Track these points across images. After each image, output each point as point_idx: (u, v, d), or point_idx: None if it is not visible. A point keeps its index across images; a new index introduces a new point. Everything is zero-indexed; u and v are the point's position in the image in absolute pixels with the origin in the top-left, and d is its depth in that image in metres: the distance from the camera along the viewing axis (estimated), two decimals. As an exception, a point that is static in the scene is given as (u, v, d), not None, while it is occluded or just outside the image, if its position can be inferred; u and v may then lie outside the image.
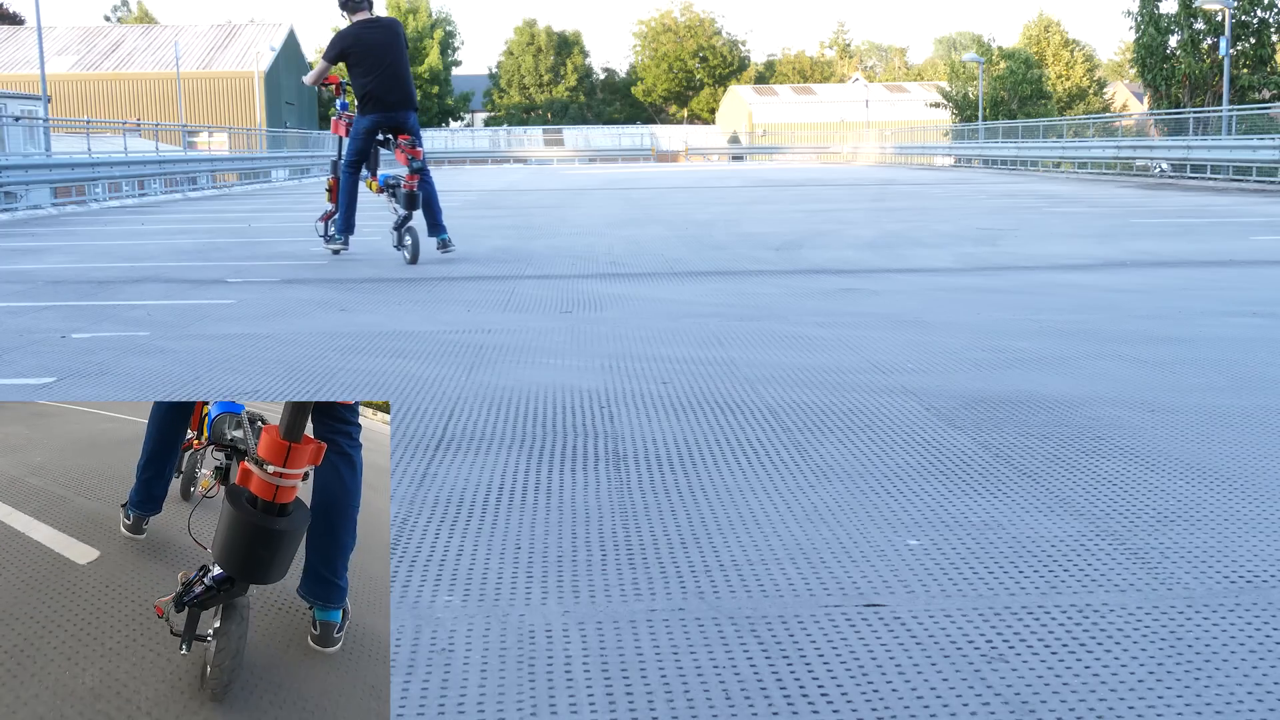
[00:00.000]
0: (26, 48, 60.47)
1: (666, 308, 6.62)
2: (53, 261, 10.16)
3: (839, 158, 60.03)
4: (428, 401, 4.14)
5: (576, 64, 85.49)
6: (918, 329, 5.69)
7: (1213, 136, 26.37)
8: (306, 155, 39.30)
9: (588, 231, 12.83)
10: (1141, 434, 3.56)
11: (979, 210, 16.16)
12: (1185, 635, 2.13)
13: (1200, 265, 8.68)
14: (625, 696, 1.92)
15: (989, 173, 35.05)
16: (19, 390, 4.50)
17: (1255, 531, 2.68)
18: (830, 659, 2.05)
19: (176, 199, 23.70)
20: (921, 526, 2.74)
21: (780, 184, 27.32)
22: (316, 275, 8.59)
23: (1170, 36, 38.34)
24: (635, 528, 2.76)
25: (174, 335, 5.76)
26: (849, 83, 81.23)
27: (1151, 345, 5.15)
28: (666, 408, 4.01)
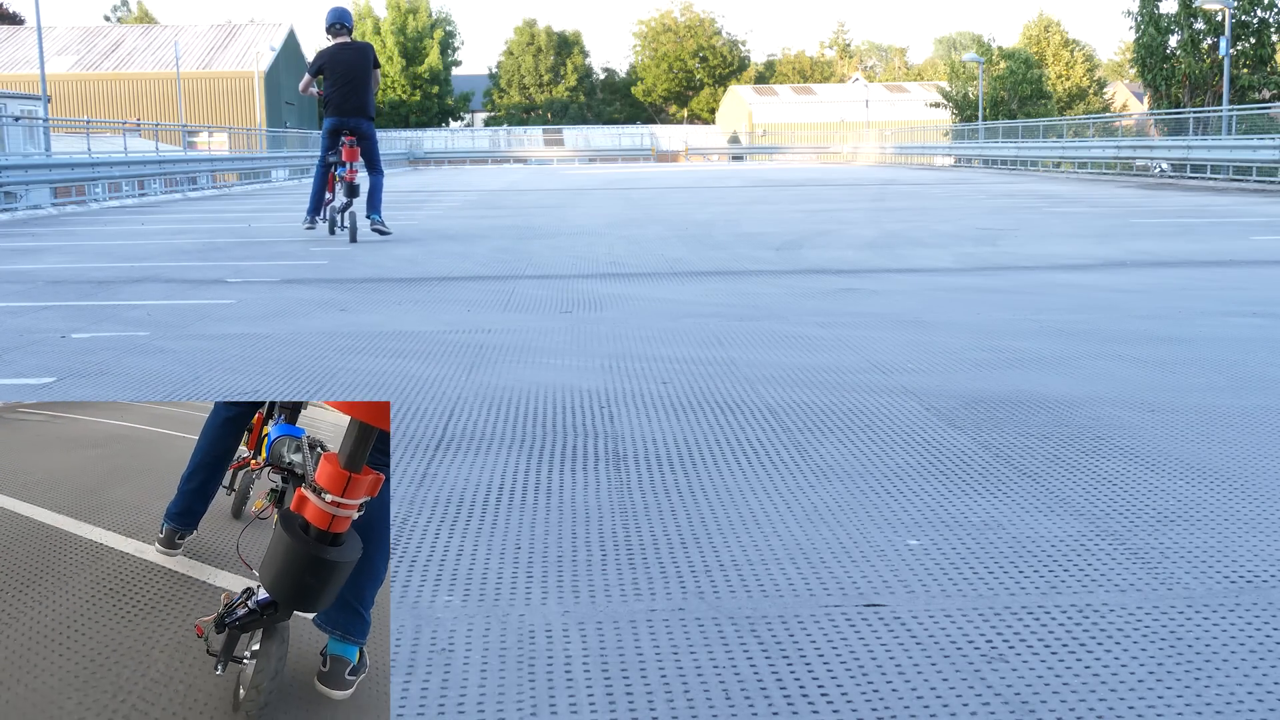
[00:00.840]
0: (26, 48, 60.49)
1: (666, 308, 6.62)
2: (53, 261, 10.16)
3: (839, 158, 60.03)
4: (428, 401, 4.14)
5: (576, 64, 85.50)
6: (918, 329, 5.69)
7: (1213, 136, 26.37)
8: (306, 155, 39.23)
9: (588, 231, 12.83)
10: (1141, 434, 3.56)
11: (979, 210, 16.16)
12: (1185, 635, 2.13)
13: (1200, 265, 8.69)
14: (625, 696, 1.92)
15: (989, 173, 35.05)
16: (19, 390, 4.50)
17: (1255, 531, 2.68)
18: (830, 659, 2.05)
19: (176, 199, 23.71)
20: (921, 526, 2.74)
21: (780, 184, 27.32)
22: (316, 275, 8.59)
23: (1170, 36, 38.35)
24: (635, 528, 2.76)
25: (174, 335, 5.76)
26: (849, 83, 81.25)
27: (1151, 345, 5.15)
28: (666, 408, 4.01)
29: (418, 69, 76.15)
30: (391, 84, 74.67)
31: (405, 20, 75.72)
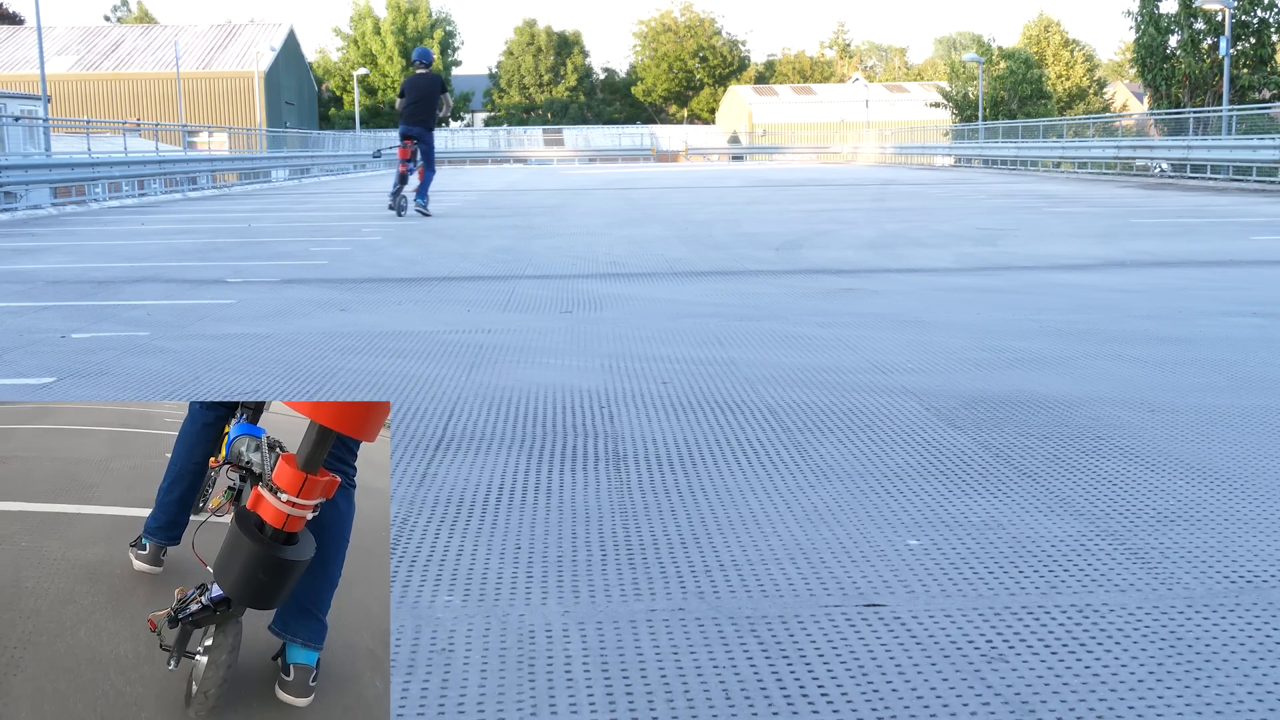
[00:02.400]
0: (26, 48, 60.49)
1: (666, 308, 6.62)
2: (53, 261, 10.16)
3: (839, 158, 60.03)
4: (427, 401, 4.14)
5: (576, 64, 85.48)
6: (918, 329, 5.69)
7: (1213, 136, 26.37)
8: (306, 155, 39.28)
9: (588, 231, 12.83)
10: (1141, 434, 3.56)
11: (979, 210, 16.16)
12: (1185, 635, 2.13)
13: (1200, 265, 8.69)
14: (625, 696, 1.92)
15: (989, 173, 35.05)
16: (19, 390, 4.50)
17: (1255, 531, 2.68)
18: (830, 659, 2.05)
19: (176, 199, 23.70)
20: (921, 526, 2.74)
21: (780, 184, 27.32)
22: (316, 275, 8.59)
23: (1170, 36, 38.34)
24: (635, 528, 2.76)
25: (174, 335, 5.76)
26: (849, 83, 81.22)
27: (1151, 345, 5.15)
28: (666, 408, 4.01)
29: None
30: (391, 84, 74.64)
31: (405, 20, 75.68)
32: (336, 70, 77.39)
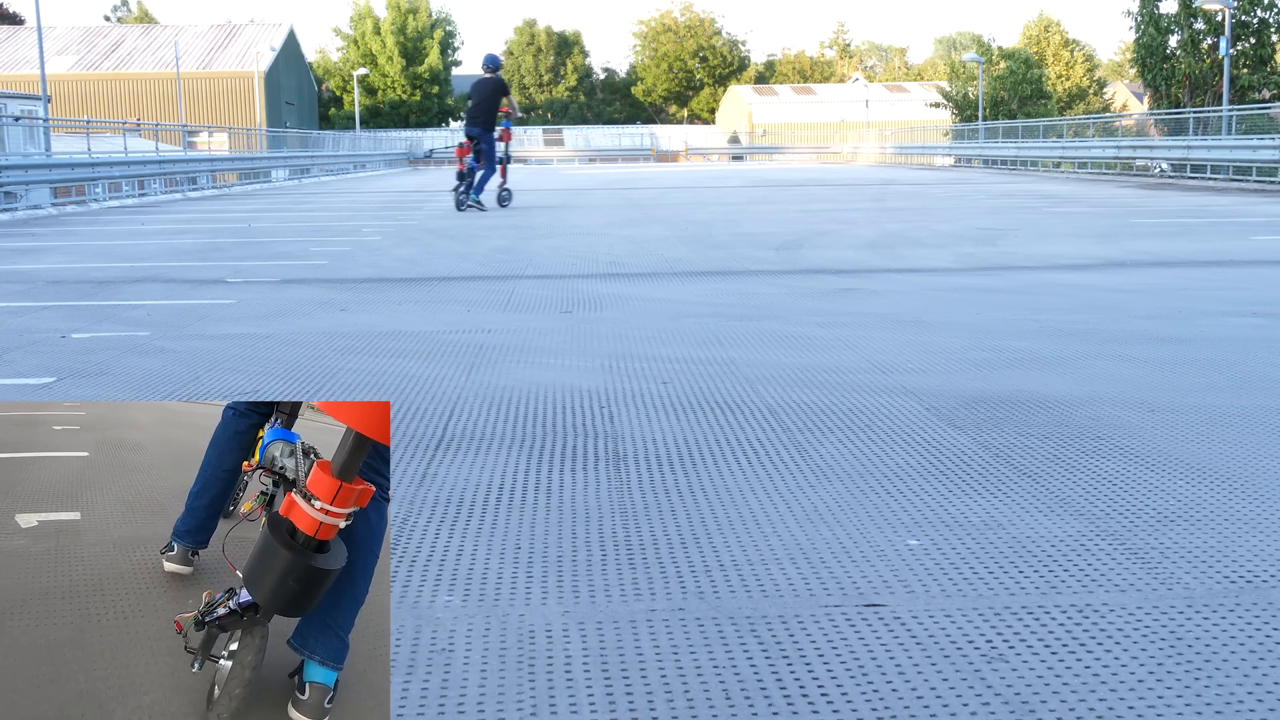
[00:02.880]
0: (26, 48, 60.49)
1: (666, 308, 6.62)
2: (53, 261, 10.16)
3: (839, 158, 60.02)
4: (427, 401, 4.14)
5: (576, 64, 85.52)
6: (918, 329, 5.69)
7: (1213, 136, 26.37)
8: (306, 155, 39.28)
9: (587, 231, 12.83)
10: (1141, 434, 3.56)
11: (979, 210, 16.16)
12: (1185, 635, 2.13)
13: (1200, 265, 8.69)
14: (625, 696, 1.92)
15: (989, 173, 35.05)
16: (19, 390, 4.50)
17: (1255, 531, 2.69)
18: (830, 659, 2.05)
19: (176, 199, 23.71)
20: (921, 526, 2.74)
21: (780, 184, 27.32)
22: (316, 275, 8.59)
23: (1170, 36, 38.34)
24: (635, 528, 2.76)
25: (174, 335, 5.76)
26: (849, 83, 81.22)
27: (1151, 345, 5.15)
28: (666, 408, 4.01)
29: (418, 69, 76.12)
30: (391, 84, 74.71)
31: (405, 20, 75.68)
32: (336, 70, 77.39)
